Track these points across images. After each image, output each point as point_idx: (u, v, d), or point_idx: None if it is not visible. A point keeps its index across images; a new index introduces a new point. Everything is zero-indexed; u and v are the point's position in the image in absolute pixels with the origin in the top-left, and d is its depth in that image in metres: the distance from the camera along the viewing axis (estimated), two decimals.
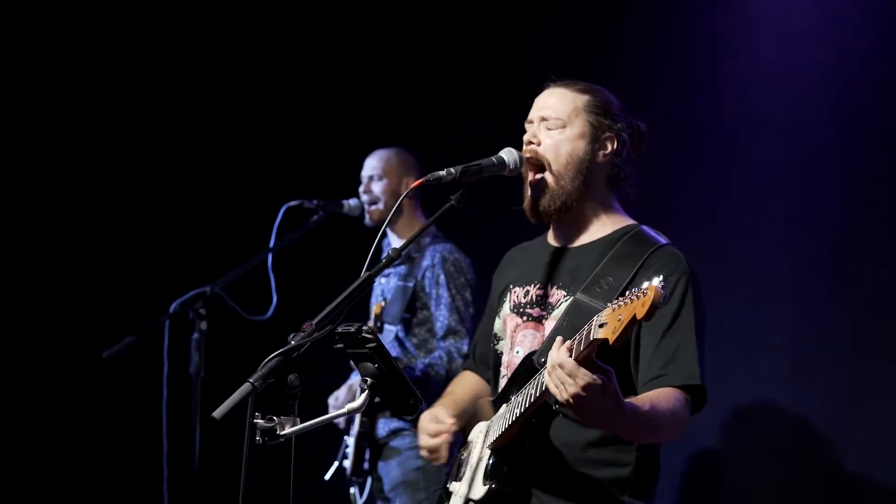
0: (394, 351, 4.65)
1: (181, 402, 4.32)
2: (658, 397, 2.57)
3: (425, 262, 4.65)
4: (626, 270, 2.68)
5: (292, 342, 2.35)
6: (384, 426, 4.62)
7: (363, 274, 2.50)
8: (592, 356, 2.35)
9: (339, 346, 2.36)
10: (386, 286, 4.79)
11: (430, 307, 4.62)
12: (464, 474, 2.81)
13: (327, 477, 4.70)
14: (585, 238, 2.86)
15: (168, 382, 4.32)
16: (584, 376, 2.31)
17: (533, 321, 2.85)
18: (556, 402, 2.44)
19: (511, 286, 2.96)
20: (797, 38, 5.16)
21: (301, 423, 2.32)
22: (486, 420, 2.88)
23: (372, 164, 4.81)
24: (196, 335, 4.32)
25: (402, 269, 4.71)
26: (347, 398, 4.60)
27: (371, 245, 2.62)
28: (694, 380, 2.61)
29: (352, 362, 2.43)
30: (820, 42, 5.10)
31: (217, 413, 2.26)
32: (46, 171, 6.28)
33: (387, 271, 4.77)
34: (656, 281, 2.23)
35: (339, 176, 5.13)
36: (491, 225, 4.24)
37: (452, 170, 2.69)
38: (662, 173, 5.59)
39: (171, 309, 4.31)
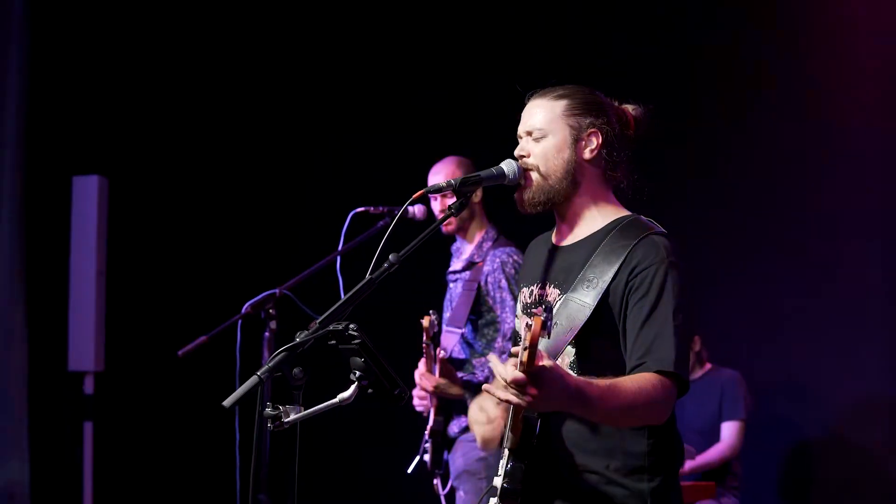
0: (462, 353, 4.80)
1: (252, 397, 4.56)
2: (625, 378, 2.69)
3: (486, 267, 4.75)
4: (612, 264, 2.80)
5: (298, 339, 2.58)
6: (456, 424, 4.77)
7: (366, 277, 2.72)
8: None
9: (332, 342, 2.57)
10: (454, 291, 4.94)
11: (496, 310, 4.73)
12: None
13: (409, 470, 4.86)
14: (578, 235, 2.97)
15: (240, 379, 4.48)
16: (531, 381, 2.47)
17: None
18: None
19: (523, 287, 3.10)
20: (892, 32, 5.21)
21: (304, 410, 2.57)
22: None
23: (437, 175, 4.93)
24: (267, 334, 4.49)
25: (466, 275, 4.84)
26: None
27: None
28: (667, 366, 2.70)
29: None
30: None
31: (227, 402, 2.54)
32: (128, 178, 6.65)
33: (454, 277, 4.95)
34: (541, 314, 2.41)
35: (406, 183, 5.34)
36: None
37: (452, 181, 2.90)
38: (758, 169, 5.67)
39: (244, 309, 4.48)
